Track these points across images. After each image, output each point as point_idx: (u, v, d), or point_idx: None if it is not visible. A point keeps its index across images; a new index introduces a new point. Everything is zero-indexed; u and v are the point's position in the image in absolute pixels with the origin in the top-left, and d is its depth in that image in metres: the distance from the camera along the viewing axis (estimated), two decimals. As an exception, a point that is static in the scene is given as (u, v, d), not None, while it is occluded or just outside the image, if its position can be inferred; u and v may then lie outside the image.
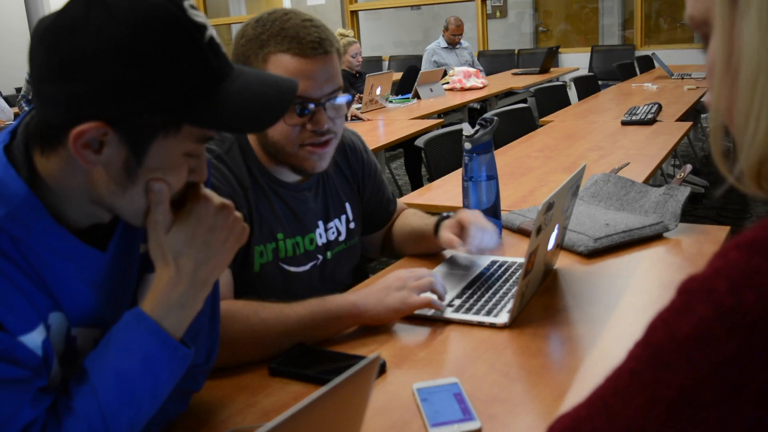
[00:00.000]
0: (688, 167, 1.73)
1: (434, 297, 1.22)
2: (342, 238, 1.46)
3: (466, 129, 1.59)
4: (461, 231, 1.41)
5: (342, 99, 1.29)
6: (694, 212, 4.02)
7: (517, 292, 1.18)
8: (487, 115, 1.71)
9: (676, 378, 0.44)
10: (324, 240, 1.43)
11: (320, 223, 1.43)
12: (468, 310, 1.24)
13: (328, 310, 1.17)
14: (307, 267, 1.39)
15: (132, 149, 0.74)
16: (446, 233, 1.41)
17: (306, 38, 1.21)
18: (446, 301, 1.26)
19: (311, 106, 1.24)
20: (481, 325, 1.20)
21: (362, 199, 1.54)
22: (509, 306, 1.24)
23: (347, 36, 5.12)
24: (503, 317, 1.21)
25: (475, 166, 1.59)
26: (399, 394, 1.01)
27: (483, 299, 1.29)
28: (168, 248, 0.81)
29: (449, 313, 1.23)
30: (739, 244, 0.45)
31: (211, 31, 0.76)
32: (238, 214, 0.86)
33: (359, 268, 1.57)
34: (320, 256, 1.42)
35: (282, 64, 1.22)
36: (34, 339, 0.75)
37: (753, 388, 0.42)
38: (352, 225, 1.49)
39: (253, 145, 1.33)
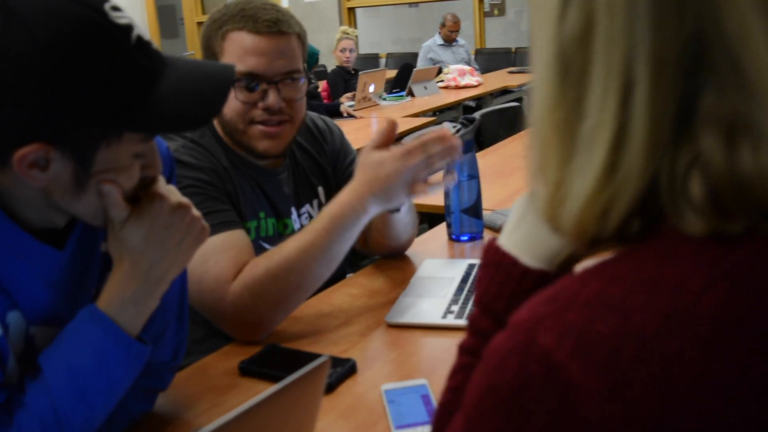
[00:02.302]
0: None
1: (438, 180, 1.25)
2: None
3: (447, 128, 1.58)
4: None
5: (298, 80, 1.31)
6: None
7: None
8: (471, 115, 1.70)
9: None
10: (299, 225, 1.44)
11: (293, 209, 1.43)
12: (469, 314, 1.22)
13: (347, 225, 1.18)
14: None
15: (77, 162, 0.73)
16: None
17: (262, 17, 1.26)
18: (443, 308, 1.25)
19: (264, 84, 1.27)
20: None
21: (337, 182, 1.54)
22: None
23: (346, 33, 5.11)
24: None
25: (457, 165, 1.58)
26: (367, 396, 1.01)
27: None
28: (123, 245, 0.80)
29: (451, 320, 1.21)
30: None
31: (138, 30, 0.74)
32: (196, 213, 0.85)
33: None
34: None
35: (237, 41, 1.26)
36: None
37: None
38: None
39: (219, 129, 1.35)
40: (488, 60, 7.81)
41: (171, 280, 0.84)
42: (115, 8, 0.73)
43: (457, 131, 1.58)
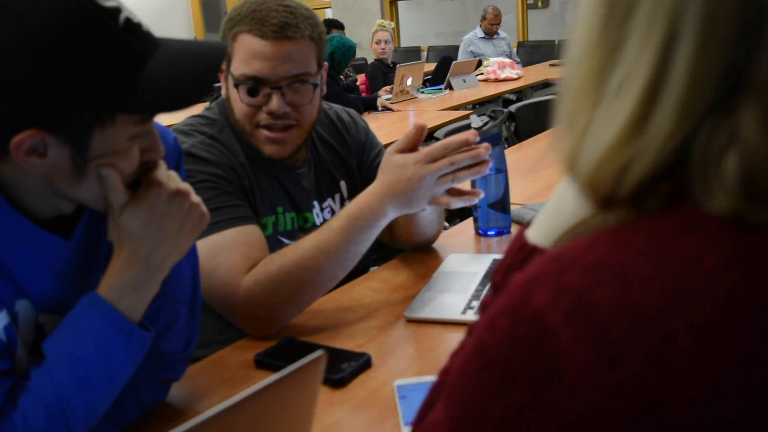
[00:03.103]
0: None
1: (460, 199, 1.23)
2: None
3: (474, 121, 1.56)
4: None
5: (307, 84, 1.28)
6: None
7: None
8: (500, 108, 1.67)
9: None
10: (321, 220, 1.43)
11: (315, 203, 1.42)
12: None
13: (365, 226, 1.17)
14: None
15: (74, 147, 0.74)
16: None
17: (270, 21, 1.24)
18: (464, 304, 1.22)
19: (265, 88, 1.26)
20: None
21: (363, 176, 1.52)
22: None
23: (382, 25, 5.09)
24: None
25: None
26: (380, 391, 0.99)
27: None
28: (122, 231, 0.81)
29: (471, 316, 1.18)
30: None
31: (126, 12, 0.74)
32: (196, 199, 0.85)
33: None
34: None
35: (244, 44, 1.26)
36: None
37: None
38: (347, 203, 1.47)
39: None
40: (531, 53, 7.70)
41: (170, 267, 0.85)
42: None
43: (485, 124, 1.55)
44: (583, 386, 0.40)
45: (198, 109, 1.23)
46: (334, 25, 5.32)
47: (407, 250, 1.55)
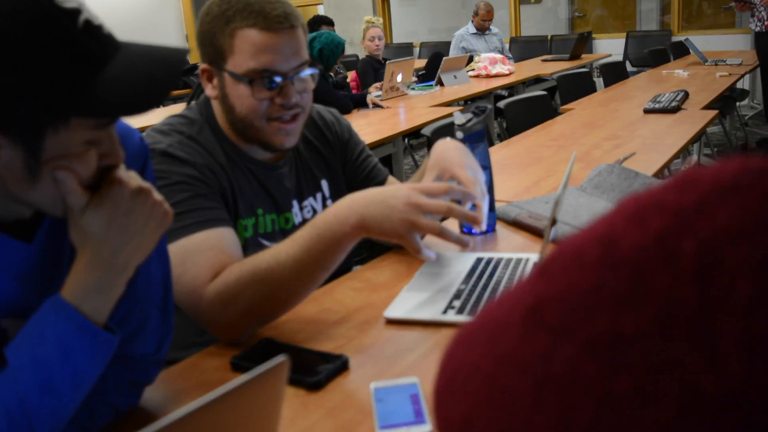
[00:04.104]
0: (693, 158, 1.65)
1: (444, 228, 1.11)
2: None
3: (458, 118, 1.54)
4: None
5: (307, 72, 1.29)
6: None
7: None
8: (483, 104, 1.65)
9: None
10: (300, 219, 1.41)
11: (294, 202, 1.41)
12: (473, 311, 1.18)
13: (327, 238, 1.08)
14: None
15: (26, 148, 0.72)
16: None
17: (272, 12, 1.23)
18: (445, 303, 1.21)
19: (279, 79, 1.25)
20: None
21: (344, 172, 1.51)
22: None
23: (371, 21, 5.06)
24: None
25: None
26: (356, 394, 0.98)
27: (484, 298, 1.22)
28: (84, 233, 0.79)
29: (452, 316, 1.17)
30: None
31: (86, 14, 0.72)
32: (158, 197, 0.84)
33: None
34: None
35: (249, 39, 1.23)
36: None
37: None
38: (329, 203, 1.46)
39: (222, 125, 1.33)
40: (523, 48, 7.69)
41: (135, 267, 0.83)
42: None
43: (468, 121, 1.54)
44: (732, 368, 0.28)
45: (178, 109, 1.21)
46: (323, 21, 5.29)
47: (394, 247, 1.53)
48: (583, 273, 0.32)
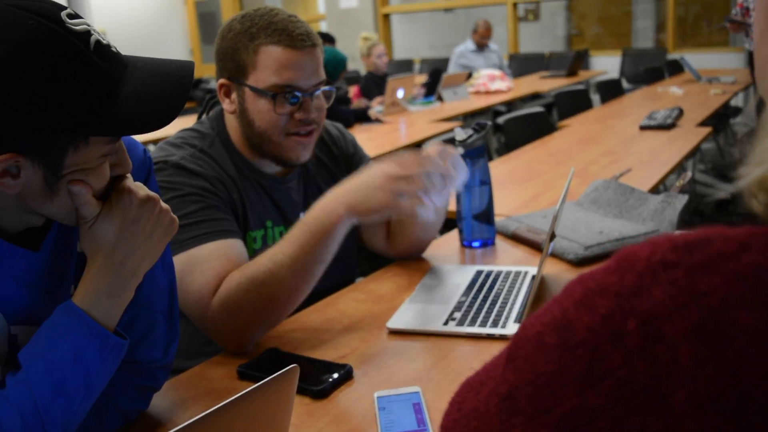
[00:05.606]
0: (688, 174, 1.68)
1: (424, 202, 1.15)
2: None
3: (458, 134, 1.57)
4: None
5: (325, 89, 1.35)
6: (721, 219, 3.91)
7: (530, 301, 1.16)
8: (484, 120, 1.69)
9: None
10: None
11: (302, 215, 1.44)
12: (473, 323, 1.20)
13: (319, 231, 1.15)
14: None
15: (47, 167, 0.75)
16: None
17: (295, 31, 1.28)
18: (446, 315, 1.24)
19: (300, 95, 1.30)
20: (490, 337, 1.17)
21: None
22: (514, 316, 1.22)
23: (370, 39, 5.12)
24: (512, 327, 1.18)
25: (468, 171, 1.57)
26: (360, 402, 1.00)
27: (484, 310, 1.25)
28: (95, 240, 0.82)
29: (453, 327, 1.20)
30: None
31: (96, 35, 0.75)
32: (164, 206, 0.87)
33: (349, 262, 1.55)
34: None
35: (273, 55, 1.28)
36: None
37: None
38: None
39: (235, 139, 1.38)
40: (522, 65, 7.75)
41: (144, 272, 0.86)
42: (72, 15, 0.74)
43: (469, 137, 1.57)
44: (688, 425, 0.32)
45: (186, 121, 1.25)
46: (325, 38, 5.34)
47: (395, 260, 1.56)
48: (547, 358, 0.37)
